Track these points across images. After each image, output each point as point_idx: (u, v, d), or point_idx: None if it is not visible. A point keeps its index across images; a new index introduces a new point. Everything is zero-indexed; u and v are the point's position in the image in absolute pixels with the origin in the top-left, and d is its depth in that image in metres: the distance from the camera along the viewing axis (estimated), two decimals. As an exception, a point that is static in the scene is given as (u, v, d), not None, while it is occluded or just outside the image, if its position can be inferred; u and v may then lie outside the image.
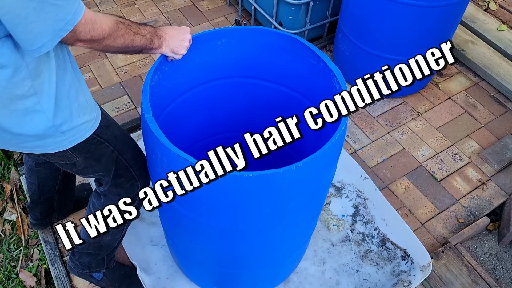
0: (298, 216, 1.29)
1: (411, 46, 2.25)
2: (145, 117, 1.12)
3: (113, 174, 1.35)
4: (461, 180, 2.22)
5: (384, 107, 2.53)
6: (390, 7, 2.09)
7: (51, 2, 0.87)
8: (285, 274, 1.76)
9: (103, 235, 1.52)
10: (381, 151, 2.32)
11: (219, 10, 3.10)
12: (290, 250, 1.54)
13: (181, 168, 1.07)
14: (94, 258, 1.60)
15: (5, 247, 1.99)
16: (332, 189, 2.09)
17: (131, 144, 1.39)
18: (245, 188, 1.08)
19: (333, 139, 1.11)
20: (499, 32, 2.88)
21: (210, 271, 1.61)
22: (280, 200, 1.16)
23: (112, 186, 1.39)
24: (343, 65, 2.62)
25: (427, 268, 1.80)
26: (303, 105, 1.53)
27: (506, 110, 2.55)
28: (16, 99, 1.01)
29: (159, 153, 1.13)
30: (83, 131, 1.17)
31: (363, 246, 1.91)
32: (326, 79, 1.33)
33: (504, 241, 2.01)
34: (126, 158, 1.35)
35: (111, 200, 1.43)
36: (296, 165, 1.04)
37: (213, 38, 1.38)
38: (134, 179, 1.41)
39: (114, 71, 2.66)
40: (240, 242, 1.34)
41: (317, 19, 2.69)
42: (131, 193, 1.43)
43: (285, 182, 1.09)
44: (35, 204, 1.80)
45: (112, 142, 1.29)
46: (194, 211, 1.23)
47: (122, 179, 1.38)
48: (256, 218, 1.20)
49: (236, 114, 1.70)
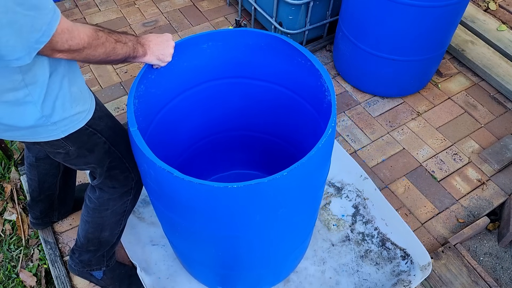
0: (292, 219, 1.29)
1: (411, 46, 2.25)
2: (131, 130, 1.13)
3: (107, 166, 1.35)
4: (461, 180, 2.22)
5: (384, 107, 2.53)
6: (390, 7, 2.09)
7: (23, 13, 0.85)
8: (286, 272, 1.77)
9: (102, 231, 1.52)
10: (381, 151, 2.32)
11: (219, 10, 3.11)
12: (289, 250, 1.54)
13: (167, 180, 1.07)
14: (94, 255, 1.60)
15: (5, 247, 1.99)
16: (332, 189, 2.09)
17: (125, 136, 1.39)
18: (232, 198, 1.08)
19: (319, 144, 1.11)
20: (499, 32, 2.88)
21: (211, 272, 1.62)
22: (270, 207, 1.16)
23: (107, 179, 1.39)
24: (343, 65, 2.62)
25: (427, 268, 1.80)
26: (295, 102, 1.53)
27: (506, 110, 2.56)
28: (7, 92, 1.00)
29: (146, 166, 1.13)
30: (75, 121, 1.17)
31: (363, 246, 1.91)
32: (314, 77, 1.33)
33: (504, 241, 2.01)
34: (119, 150, 1.35)
35: (106, 192, 1.43)
36: (281, 174, 1.04)
37: (199, 42, 1.38)
38: (128, 171, 1.41)
39: (114, 71, 2.66)
40: (236, 246, 1.34)
41: (317, 19, 2.69)
42: (126, 186, 1.43)
43: (272, 190, 1.09)
44: (35, 202, 1.80)
45: (105, 133, 1.29)
46: (187, 219, 1.24)
47: (116, 171, 1.38)
48: (248, 225, 1.21)
49: (230, 114, 1.71)
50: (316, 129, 1.45)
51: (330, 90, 1.23)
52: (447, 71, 2.70)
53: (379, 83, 2.50)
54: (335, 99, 1.21)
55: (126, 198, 1.48)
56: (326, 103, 1.31)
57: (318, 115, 1.44)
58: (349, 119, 2.45)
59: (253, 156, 1.92)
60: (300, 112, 1.54)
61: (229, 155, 1.91)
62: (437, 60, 2.46)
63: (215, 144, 1.81)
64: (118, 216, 1.52)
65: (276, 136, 1.77)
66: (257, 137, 1.81)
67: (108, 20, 2.97)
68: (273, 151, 1.83)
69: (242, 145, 1.86)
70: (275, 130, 1.74)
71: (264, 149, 1.85)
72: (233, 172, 2.01)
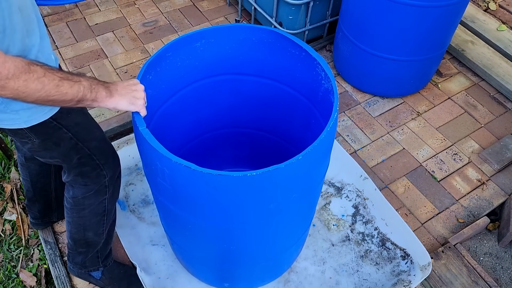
0: (289, 212, 1.31)
1: (411, 46, 2.25)
2: (140, 130, 1.12)
3: (76, 162, 1.33)
4: (461, 180, 2.22)
5: (384, 107, 2.53)
6: (390, 7, 2.09)
7: None
8: (284, 267, 1.77)
9: (85, 231, 1.52)
10: (381, 151, 2.32)
11: (219, 10, 3.10)
12: (287, 244, 1.55)
13: (183, 176, 1.07)
14: (86, 256, 1.61)
15: (5, 247, 1.99)
16: (332, 189, 2.09)
17: (97, 133, 1.37)
18: (250, 186, 1.09)
19: (327, 126, 1.12)
20: (499, 32, 2.88)
21: (210, 267, 1.62)
22: (284, 193, 1.17)
23: (78, 176, 1.38)
24: (343, 65, 2.62)
25: (427, 268, 1.80)
26: (290, 96, 1.54)
27: (506, 110, 2.56)
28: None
29: (159, 164, 1.12)
30: (39, 113, 1.15)
31: (363, 246, 1.91)
32: (311, 68, 1.34)
33: (504, 241, 2.01)
34: (88, 147, 1.33)
35: (80, 190, 1.42)
36: (296, 158, 1.05)
37: (192, 41, 1.38)
38: (99, 168, 1.39)
39: (114, 71, 2.66)
40: (235, 239, 1.35)
41: (317, 19, 2.69)
42: (98, 183, 1.42)
43: (289, 175, 1.10)
44: (31, 203, 1.80)
45: (72, 129, 1.27)
46: (199, 215, 1.24)
47: (87, 167, 1.36)
48: (259, 215, 1.22)
49: (226, 111, 1.71)
50: (311, 121, 1.46)
51: (330, 77, 1.23)
52: (447, 71, 2.70)
53: (379, 83, 2.50)
54: (336, 84, 1.21)
55: (102, 197, 1.47)
56: (322, 92, 1.32)
57: (313, 106, 1.45)
58: (349, 119, 2.45)
59: (242, 153, 1.92)
60: (291, 104, 1.56)
61: (221, 153, 1.91)
62: (437, 60, 2.46)
63: (207, 143, 1.81)
64: (98, 216, 1.51)
65: (270, 132, 1.77)
66: (250, 134, 1.82)
67: (108, 20, 2.97)
68: (266, 148, 1.83)
69: (235, 143, 1.87)
70: (269, 126, 1.75)
71: (257, 146, 1.86)
72: (227, 171, 2.01)
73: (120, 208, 1.97)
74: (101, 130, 1.42)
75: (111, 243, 1.66)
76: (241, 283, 1.74)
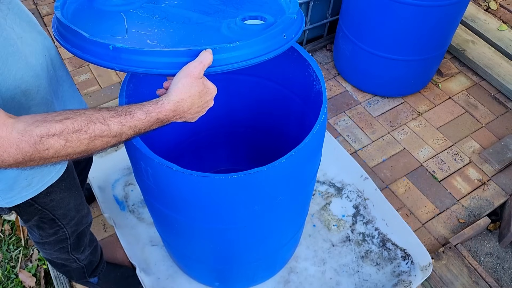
0: (288, 207, 1.30)
1: (412, 46, 2.24)
2: None
3: (36, 220, 1.23)
4: (461, 180, 2.21)
5: (385, 107, 2.52)
6: (390, 7, 2.08)
7: None
8: (279, 265, 1.77)
9: (52, 264, 1.51)
10: (382, 151, 2.31)
11: (219, 10, 3.10)
12: (280, 244, 1.54)
13: (166, 176, 1.07)
14: (68, 275, 1.62)
15: (5, 247, 1.98)
16: (332, 189, 2.09)
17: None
18: (232, 189, 1.09)
19: (317, 124, 1.11)
20: (500, 32, 2.88)
21: (205, 268, 1.62)
22: (269, 195, 1.17)
23: (34, 227, 1.28)
24: (343, 65, 2.62)
25: (428, 268, 1.79)
26: (285, 96, 1.53)
27: (507, 110, 2.55)
28: None
29: (143, 164, 1.12)
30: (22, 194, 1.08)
31: (364, 246, 1.91)
32: (303, 68, 1.33)
33: (505, 241, 2.01)
34: (55, 214, 1.25)
35: (37, 235, 1.33)
36: (279, 161, 1.05)
37: None
38: (59, 227, 1.30)
39: (113, 70, 2.65)
40: (233, 239, 1.34)
41: (317, 18, 2.68)
42: (55, 235, 1.32)
43: (272, 177, 1.10)
44: None
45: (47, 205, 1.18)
46: (185, 215, 1.24)
47: (45, 225, 1.27)
48: (246, 215, 1.22)
49: (219, 110, 1.70)
50: (305, 122, 1.45)
51: (320, 79, 1.22)
52: (447, 70, 2.70)
53: (379, 82, 2.49)
54: (325, 87, 1.21)
55: (61, 245, 1.38)
56: (314, 93, 1.31)
57: (305, 105, 1.44)
58: (349, 119, 2.45)
59: (239, 152, 1.92)
60: (286, 104, 1.55)
61: (214, 153, 1.91)
62: (437, 60, 2.45)
63: (199, 143, 1.81)
64: (63, 256, 1.43)
65: (266, 131, 1.77)
66: (246, 133, 1.81)
67: (107, 19, 2.96)
68: (264, 147, 1.83)
69: (232, 141, 1.86)
70: (265, 126, 1.75)
71: (255, 145, 1.85)
72: (220, 169, 2.01)
73: (120, 209, 1.97)
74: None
75: (97, 260, 1.61)
76: (233, 283, 1.74)
